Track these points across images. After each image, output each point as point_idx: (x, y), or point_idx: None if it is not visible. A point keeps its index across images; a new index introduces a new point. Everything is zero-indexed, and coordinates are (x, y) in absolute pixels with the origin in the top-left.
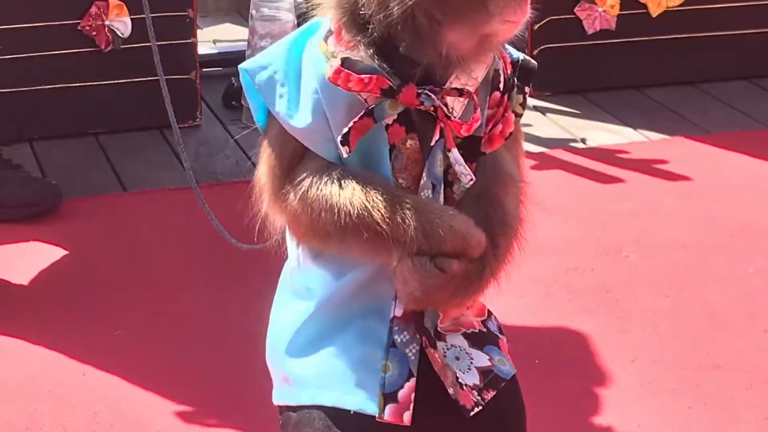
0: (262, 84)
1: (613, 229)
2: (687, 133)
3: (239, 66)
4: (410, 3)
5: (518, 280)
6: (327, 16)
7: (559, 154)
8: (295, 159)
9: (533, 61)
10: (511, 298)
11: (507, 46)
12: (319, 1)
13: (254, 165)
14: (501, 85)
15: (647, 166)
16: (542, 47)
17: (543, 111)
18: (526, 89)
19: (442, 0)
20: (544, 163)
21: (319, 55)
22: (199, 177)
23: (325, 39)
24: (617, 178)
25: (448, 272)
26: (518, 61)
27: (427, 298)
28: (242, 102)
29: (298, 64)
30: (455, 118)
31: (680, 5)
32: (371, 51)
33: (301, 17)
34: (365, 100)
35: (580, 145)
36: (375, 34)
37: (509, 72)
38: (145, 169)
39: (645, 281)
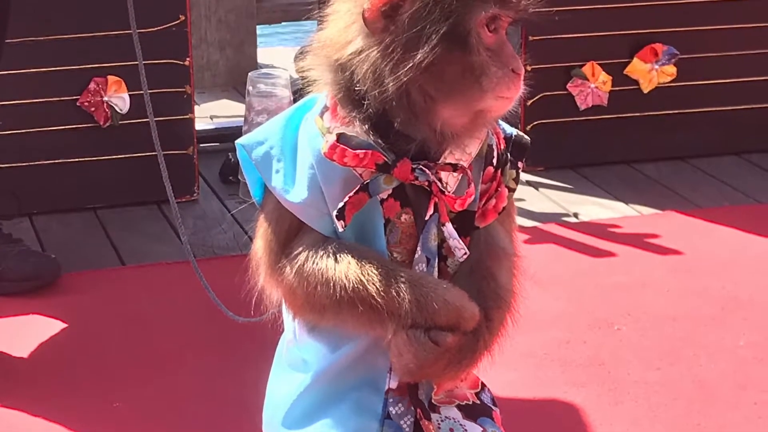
0: (258, 159)
1: (605, 302)
2: (678, 207)
3: (236, 141)
4: (405, 79)
5: (511, 352)
6: (323, 93)
7: (552, 228)
8: (292, 233)
9: (526, 136)
10: (505, 371)
11: (500, 122)
12: (315, 78)
13: (251, 239)
14: (494, 161)
15: (639, 240)
16: (535, 123)
17: (536, 186)
18: (520, 164)
19: (436, 77)
20: (536, 237)
21: (314, 131)
22: (197, 251)
23: (321, 115)
24: (609, 252)
25: (442, 345)
26: (512, 136)
27: (421, 370)
28: (239, 177)
29: (294, 139)
30: (449, 192)
31: (671, 81)
32: (366, 126)
33: (297, 93)
34: (360, 175)
35: (573, 220)
36: (370, 110)
37: (503, 147)
38: (143, 243)
39: (637, 354)
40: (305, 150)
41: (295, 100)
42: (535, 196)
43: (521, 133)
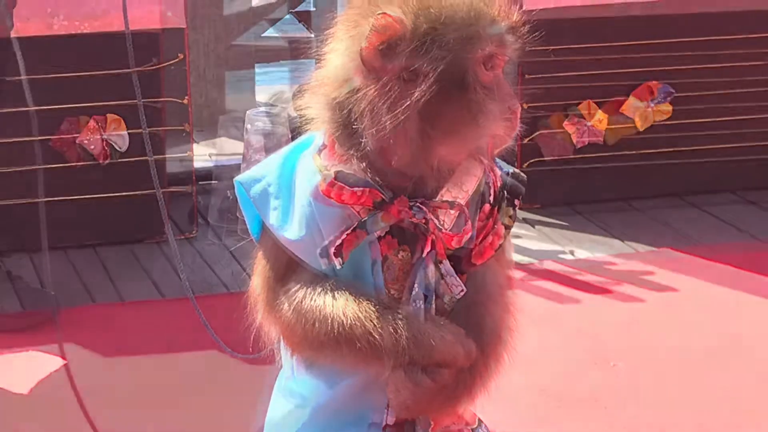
0: (256, 197)
1: (602, 338)
2: (673, 244)
3: (234, 179)
4: (402, 117)
5: (508, 388)
6: (320, 131)
7: (549, 265)
8: (289, 270)
9: (523, 174)
10: (501, 406)
11: (498, 160)
12: (312, 116)
13: (249, 276)
14: (491, 198)
15: (634, 277)
16: (531, 161)
17: (532, 223)
18: (516, 202)
19: (433, 115)
20: (533, 274)
21: (312, 169)
22: (196, 288)
23: (319, 152)
24: (605, 288)
25: (439, 382)
26: (508, 174)
27: (418, 406)
28: (237, 215)
29: (291, 177)
30: (446, 230)
31: (666, 119)
32: (364, 164)
33: (296, 131)
34: (357, 212)
35: (569, 257)
36: (367, 147)
37: (499, 185)
38: (142, 279)
39: (633, 390)
40: (302, 188)
41: (293, 139)
42: (532, 233)
43: (518, 171)
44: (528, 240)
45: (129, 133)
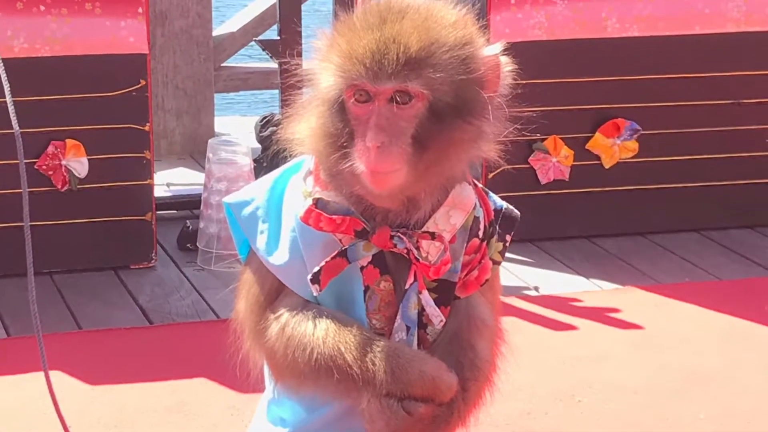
0: (244, 219)
1: (567, 374)
2: (638, 282)
3: (223, 200)
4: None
5: (472, 423)
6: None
7: (513, 301)
8: (273, 294)
9: (516, 210)
10: None
11: (491, 194)
12: (299, 142)
13: (209, 306)
14: (480, 233)
15: (599, 314)
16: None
17: None
18: (507, 237)
19: (330, 143)
20: None
21: (298, 194)
22: (154, 317)
23: (305, 178)
24: (570, 325)
25: (415, 415)
26: (501, 209)
27: None
28: (197, 245)
29: (279, 201)
30: (431, 262)
31: (633, 157)
32: (345, 192)
33: (256, 162)
34: (340, 240)
35: (534, 293)
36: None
37: (490, 220)
38: (99, 308)
39: (598, 425)
40: (289, 212)
41: (255, 169)
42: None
43: (511, 207)
44: None
45: (88, 159)
